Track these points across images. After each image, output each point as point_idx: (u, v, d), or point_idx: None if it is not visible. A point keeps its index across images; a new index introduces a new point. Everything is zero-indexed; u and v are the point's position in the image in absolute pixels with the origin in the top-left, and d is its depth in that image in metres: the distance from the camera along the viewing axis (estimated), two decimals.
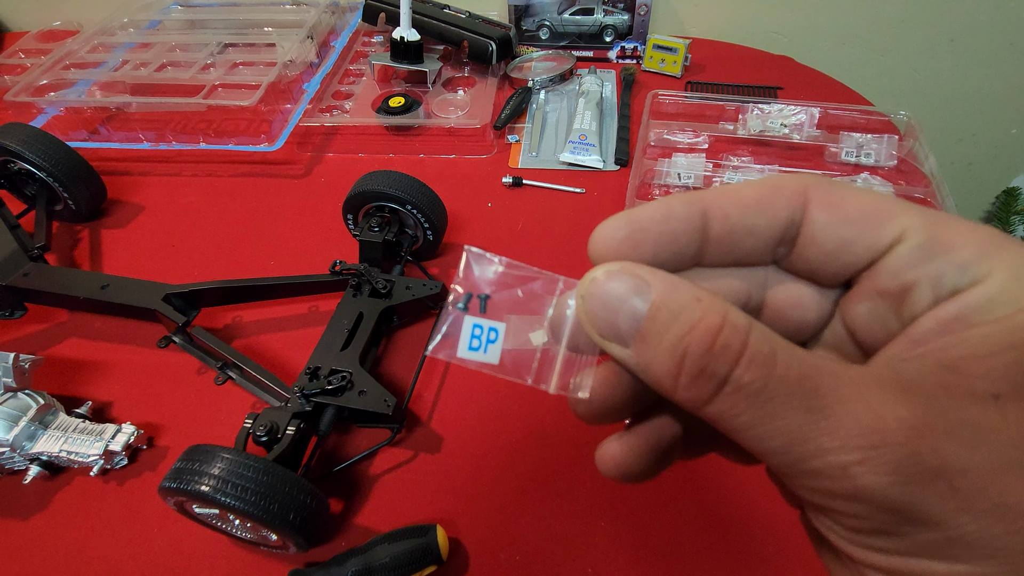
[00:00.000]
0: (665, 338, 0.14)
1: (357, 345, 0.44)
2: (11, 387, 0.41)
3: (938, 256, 0.14)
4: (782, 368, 0.13)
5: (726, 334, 0.13)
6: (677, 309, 0.14)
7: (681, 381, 0.14)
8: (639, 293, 0.15)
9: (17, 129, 0.57)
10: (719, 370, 0.13)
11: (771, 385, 0.13)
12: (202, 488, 0.32)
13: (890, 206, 0.15)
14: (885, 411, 0.13)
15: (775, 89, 0.77)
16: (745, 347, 0.13)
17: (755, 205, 0.16)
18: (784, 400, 0.13)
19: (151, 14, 0.85)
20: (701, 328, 0.14)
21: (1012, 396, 0.13)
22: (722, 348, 0.13)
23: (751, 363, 0.13)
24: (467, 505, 0.40)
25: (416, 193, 0.51)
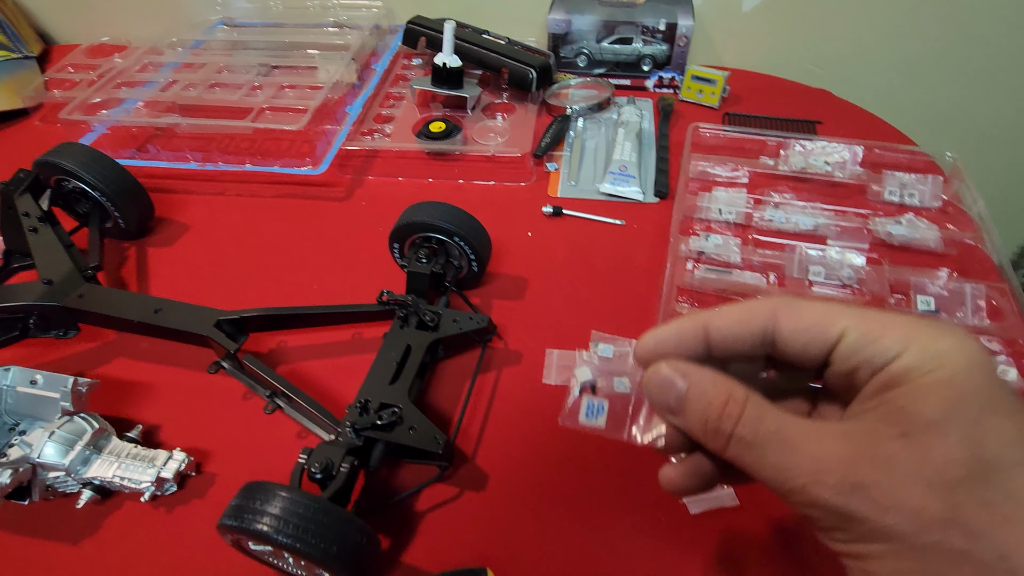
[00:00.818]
0: (696, 410, 0.23)
1: (406, 379, 0.44)
2: (68, 411, 0.42)
3: (869, 345, 0.21)
4: (766, 425, 0.21)
5: (730, 406, 0.22)
6: (702, 390, 0.23)
7: (707, 437, 0.23)
8: (680, 380, 0.23)
9: (73, 149, 0.58)
10: (726, 429, 0.22)
11: (759, 438, 0.21)
12: (262, 528, 0.32)
13: (835, 313, 0.22)
14: (828, 450, 0.20)
15: (814, 123, 0.77)
16: (742, 413, 0.22)
17: (737, 323, 0.23)
18: (767, 447, 0.21)
19: (197, 33, 0.87)
20: (716, 403, 0.22)
21: (915, 432, 0.19)
22: (727, 415, 0.22)
23: (745, 424, 0.21)
24: (515, 546, 0.40)
25: (464, 226, 0.51)
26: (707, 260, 0.57)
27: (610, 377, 0.49)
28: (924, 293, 0.52)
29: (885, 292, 0.52)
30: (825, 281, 0.55)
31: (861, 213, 0.62)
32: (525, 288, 0.58)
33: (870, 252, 0.57)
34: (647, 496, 0.42)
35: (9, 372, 0.44)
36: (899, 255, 0.58)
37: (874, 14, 0.86)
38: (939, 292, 0.52)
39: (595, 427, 0.32)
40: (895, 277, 0.54)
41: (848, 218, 0.61)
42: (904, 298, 0.52)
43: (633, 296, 0.56)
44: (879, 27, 0.87)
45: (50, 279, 0.50)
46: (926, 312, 0.51)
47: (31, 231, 0.53)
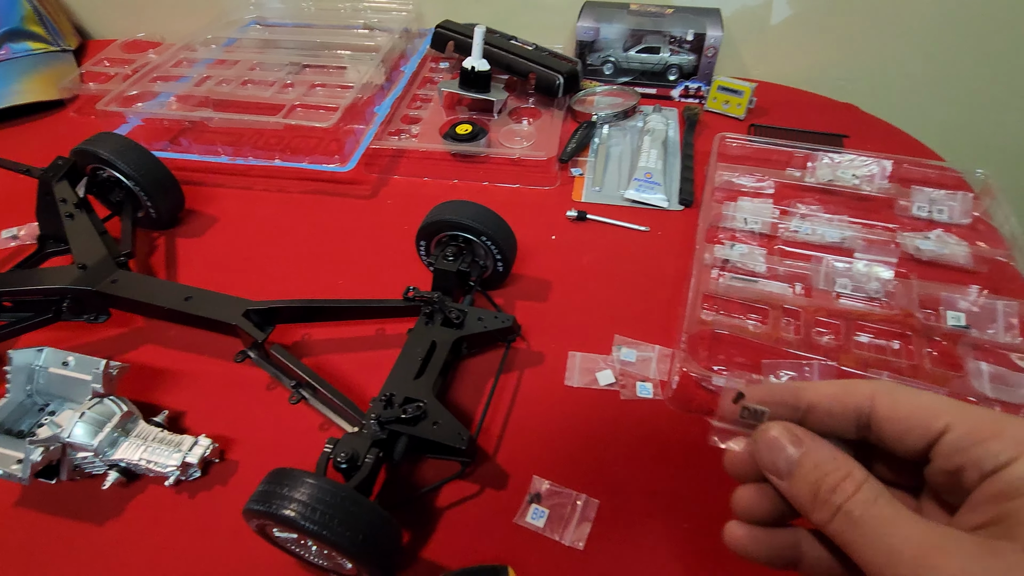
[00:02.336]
0: (809, 476, 0.21)
1: (430, 374, 0.45)
2: (99, 392, 0.43)
3: (976, 445, 0.20)
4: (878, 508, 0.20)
5: (847, 482, 0.21)
6: (819, 460, 0.21)
7: (815, 507, 0.21)
8: (794, 445, 0.22)
9: (109, 139, 0.59)
10: (836, 501, 0.20)
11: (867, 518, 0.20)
12: (288, 513, 0.32)
13: (938, 406, 0.21)
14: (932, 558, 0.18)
15: (841, 137, 0.77)
16: (857, 491, 0.20)
17: (833, 398, 0.23)
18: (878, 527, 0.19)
19: (231, 31, 0.89)
20: (832, 476, 0.21)
21: None
22: (841, 489, 0.20)
23: (859, 502, 0.20)
24: (535, 546, 0.40)
25: (493, 226, 0.52)
26: (732, 269, 0.57)
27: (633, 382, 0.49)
28: (954, 309, 0.52)
29: (914, 307, 0.52)
30: (852, 293, 0.54)
31: (889, 227, 0.61)
32: (549, 290, 0.58)
33: (898, 267, 0.56)
34: (674, 502, 0.42)
35: (42, 353, 0.45)
36: (928, 270, 0.57)
37: (902, 30, 0.86)
38: (970, 308, 0.52)
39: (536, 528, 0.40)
40: (924, 292, 0.53)
41: (876, 232, 0.61)
42: (933, 313, 0.52)
43: (656, 302, 0.56)
44: (907, 43, 0.87)
45: (84, 264, 0.51)
46: (958, 328, 0.50)
47: (67, 217, 0.54)
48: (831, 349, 0.49)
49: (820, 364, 0.47)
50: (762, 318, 0.52)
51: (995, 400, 0.44)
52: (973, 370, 0.47)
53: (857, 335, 0.50)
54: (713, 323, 0.51)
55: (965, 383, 0.46)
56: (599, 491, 0.43)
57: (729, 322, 0.52)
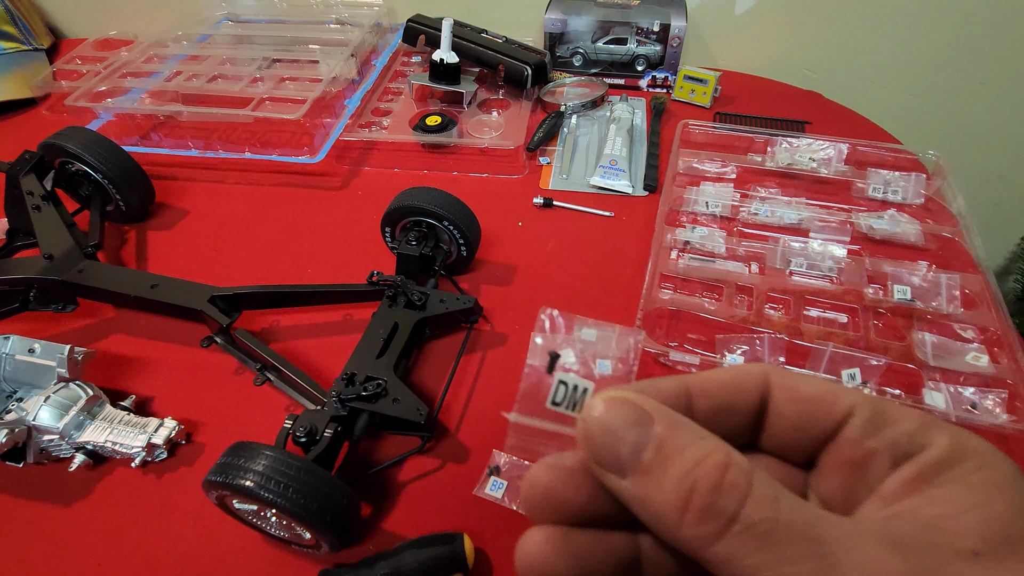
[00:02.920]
0: (671, 475, 0.14)
1: (392, 354, 0.46)
2: (64, 377, 0.44)
3: (887, 427, 0.16)
4: (787, 512, 0.14)
5: (733, 472, 0.14)
6: (683, 444, 0.15)
7: (688, 518, 0.14)
8: (641, 424, 0.15)
9: (77, 133, 0.60)
10: (728, 507, 0.14)
11: (779, 528, 0.13)
12: (246, 483, 0.33)
13: (838, 389, 0.17)
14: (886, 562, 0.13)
15: (803, 124, 0.79)
16: (751, 487, 0.14)
17: (727, 387, 0.18)
18: (792, 545, 0.13)
19: (203, 28, 0.89)
20: (709, 463, 0.14)
21: (989, 553, 0.14)
22: (730, 485, 0.14)
23: (759, 503, 0.14)
24: (493, 516, 0.41)
25: (454, 210, 0.53)
26: (692, 250, 0.59)
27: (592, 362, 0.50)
28: (900, 283, 0.53)
29: (863, 283, 0.54)
30: (807, 271, 0.56)
31: (845, 208, 0.63)
32: (514, 275, 0.59)
33: (852, 245, 0.58)
34: None
35: (8, 340, 0.45)
36: (880, 248, 0.59)
37: (866, 19, 0.88)
38: (915, 283, 0.53)
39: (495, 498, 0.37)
40: (874, 268, 0.55)
41: (831, 213, 0.62)
42: (882, 288, 0.54)
43: (619, 284, 0.58)
44: (869, 31, 0.89)
45: (51, 254, 0.51)
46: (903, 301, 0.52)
47: (34, 209, 0.55)
48: (782, 324, 0.50)
49: (770, 337, 0.48)
50: (717, 296, 0.54)
51: (936, 368, 0.46)
52: (917, 340, 0.49)
53: (807, 310, 0.52)
54: (670, 301, 0.53)
55: (908, 352, 0.47)
56: None
57: (686, 300, 0.53)
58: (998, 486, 0.15)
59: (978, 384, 0.45)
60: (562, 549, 0.16)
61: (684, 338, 0.51)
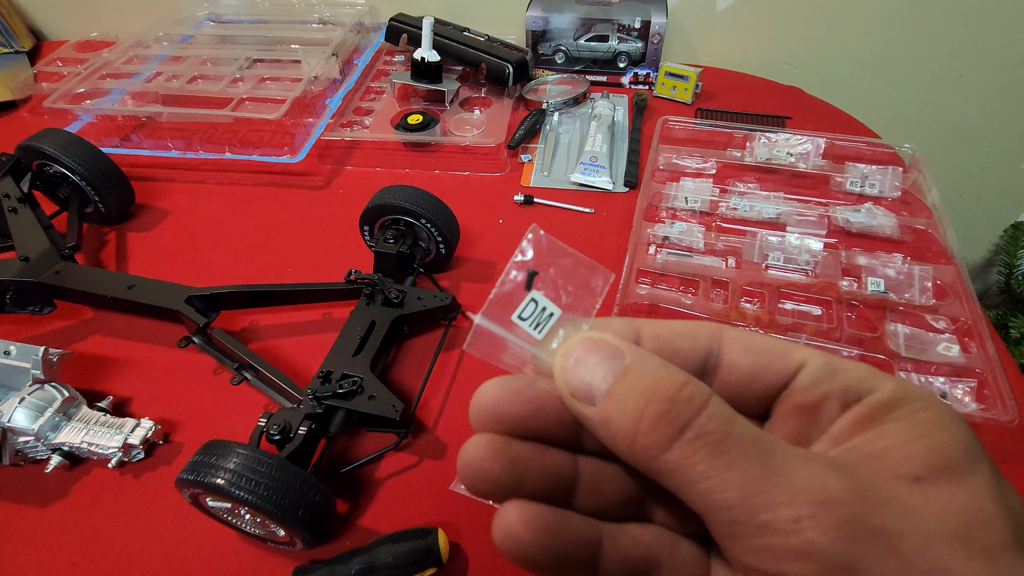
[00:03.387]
0: (632, 392, 0.16)
1: (368, 352, 0.46)
2: (39, 379, 0.43)
3: (839, 374, 0.17)
4: (740, 427, 0.15)
5: (690, 388, 0.15)
6: (647, 371, 0.16)
7: (642, 426, 0.15)
8: (614, 358, 0.17)
9: (54, 134, 0.60)
10: (682, 416, 0.15)
11: (730, 438, 0.15)
12: (218, 481, 0.34)
13: (790, 344, 0.18)
14: (830, 478, 0.15)
15: (783, 118, 0.79)
16: (707, 404, 0.15)
17: (678, 335, 0.19)
18: (741, 453, 0.15)
19: (185, 28, 0.89)
20: (668, 381, 0.16)
21: (929, 478, 0.15)
22: (686, 399, 0.15)
23: (712, 416, 0.15)
24: (468, 511, 0.41)
25: (431, 208, 0.53)
26: (670, 245, 0.59)
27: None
28: (874, 275, 0.54)
29: (838, 276, 0.54)
30: (783, 265, 0.56)
31: (822, 202, 0.64)
32: (494, 272, 0.60)
33: (829, 238, 0.59)
34: None
35: None
36: (857, 241, 0.60)
37: (844, 13, 0.88)
38: (889, 275, 0.54)
39: None
40: (849, 261, 0.56)
41: (810, 207, 0.63)
42: (856, 281, 0.54)
43: None
44: (851, 26, 0.90)
45: (27, 256, 0.51)
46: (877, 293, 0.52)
47: (10, 211, 0.55)
48: (757, 317, 0.51)
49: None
50: (694, 290, 0.54)
51: (907, 359, 0.47)
52: (890, 332, 0.49)
53: (782, 303, 0.53)
54: (647, 296, 0.53)
55: (880, 343, 0.48)
56: None
57: (662, 294, 0.54)
58: (942, 423, 0.16)
59: (949, 374, 0.46)
60: (501, 452, 0.17)
61: None
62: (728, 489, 0.14)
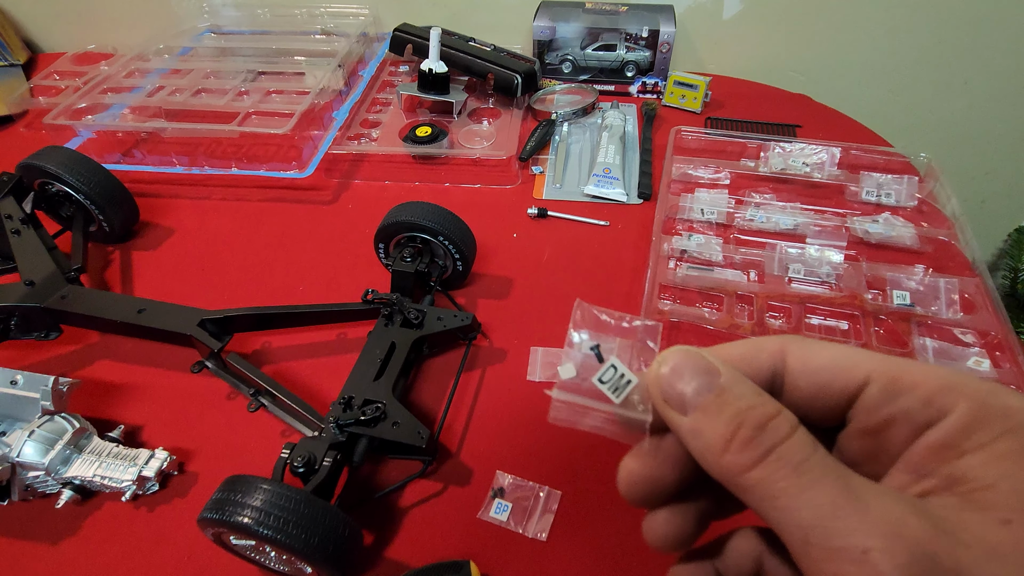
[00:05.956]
0: (725, 411, 0.17)
1: (390, 375, 0.45)
2: (48, 410, 0.42)
3: (904, 394, 0.17)
4: (821, 455, 0.16)
5: (779, 419, 0.16)
6: (740, 394, 0.17)
7: (732, 446, 0.16)
8: (709, 374, 0.17)
9: (56, 152, 0.58)
10: (767, 442, 0.16)
11: (811, 461, 0.16)
12: (243, 520, 0.32)
13: (856, 356, 0.18)
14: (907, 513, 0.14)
15: (794, 127, 0.79)
16: (793, 434, 0.16)
17: (739, 360, 0.19)
18: (821, 475, 0.15)
19: (185, 40, 0.88)
20: (760, 410, 0.16)
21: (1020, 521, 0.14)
22: (773, 428, 0.16)
23: (797, 445, 0.16)
24: (497, 540, 0.40)
25: (449, 225, 0.52)
26: (689, 259, 0.58)
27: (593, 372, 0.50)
28: (899, 288, 0.53)
29: (862, 288, 0.54)
30: (804, 278, 0.56)
31: (839, 212, 0.63)
32: (510, 288, 0.58)
33: (848, 250, 0.58)
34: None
35: None
36: (876, 252, 0.59)
37: (852, 21, 0.88)
38: (914, 287, 0.53)
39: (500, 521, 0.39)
40: (872, 273, 0.55)
41: (827, 217, 0.62)
42: (881, 293, 0.53)
43: (617, 295, 0.57)
44: (857, 34, 0.89)
45: (32, 280, 0.49)
46: (903, 307, 0.52)
47: (14, 233, 0.53)
48: (784, 332, 0.50)
49: None
50: (717, 305, 0.53)
51: None
52: (918, 346, 0.49)
53: (808, 318, 0.52)
54: (670, 312, 0.52)
55: (911, 359, 0.47)
56: (562, 482, 0.43)
57: (686, 311, 0.53)
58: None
59: None
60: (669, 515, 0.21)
61: None
62: (805, 508, 0.15)
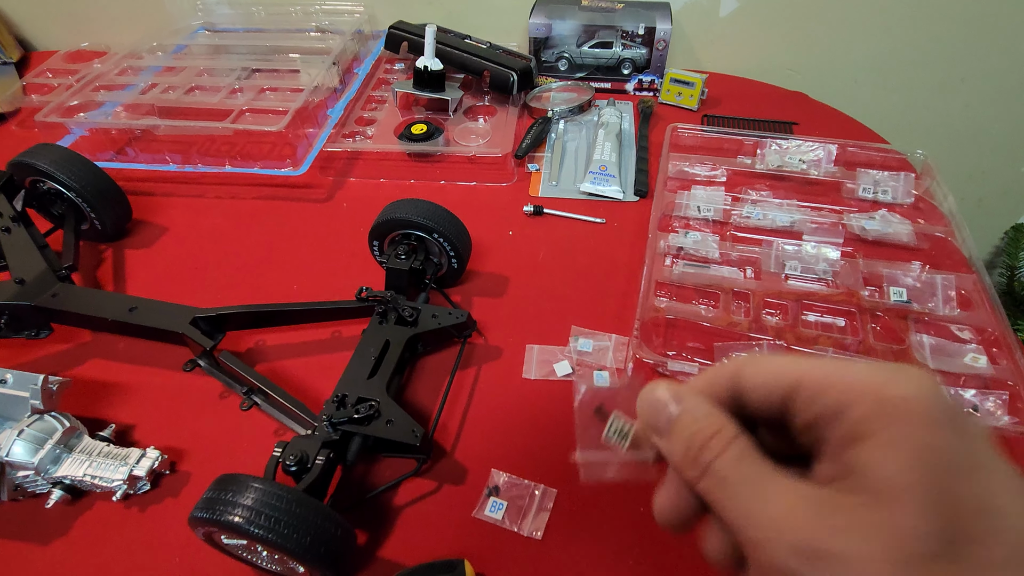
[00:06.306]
0: (682, 435, 0.21)
1: (384, 373, 0.44)
2: (38, 409, 0.41)
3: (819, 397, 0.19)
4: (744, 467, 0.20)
5: (716, 439, 0.20)
6: (694, 419, 0.21)
7: (685, 464, 0.21)
8: (673, 405, 0.22)
9: (48, 149, 0.58)
10: (704, 459, 0.20)
11: (733, 476, 0.20)
12: (234, 519, 0.32)
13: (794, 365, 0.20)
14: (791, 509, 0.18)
15: (790, 124, 0.79)
16: (725, 449, 0.20)
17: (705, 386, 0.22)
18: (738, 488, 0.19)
19: (179, 38, 0.87)
20: (701, 433, 0.21)
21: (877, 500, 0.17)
22: (710, 447, 0.20)
23: (724, 460, 0.20)
24: (491, 538, 0.40)
25: (444, 222, 0.52)
26: (686, 256, 0.58)
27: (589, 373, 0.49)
28: (896, 285, 0.53)
29: (859, 285, 0.53)
30: (801, 275, 0.56)
31: (836, 209, 0.63)
32: (506, 285, 0.58)
33: (845, 247, 0.58)
34: (629, 487, 0.42)
35: None
36: (873, 249, 0.59)
37: (849, 19, 0.88)
38: (911, 284, 0.53)
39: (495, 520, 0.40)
40: (869, 270, 0.55)
41: (823, 214, 0.62)
42: (878, 290, 0.53)
43: (613, 292, 0.57)
44: (854, 32, 0.89)
45: (22, 279, 0.49)
46: (900, 303, 0.52)
47: (4, 231, 0.53)
48: (780, 329, 0.50)
49: (769, 344, 0.47)
50: (714, 303, 0.53)
51: (935, 370, 0.46)
52: (915, 343, 0.48)
53: (805, 314, 0.52)
54: (666, 309, 0.52)
55: (907, 355, 0.47)
56: (557, 480, 0.43)
57: (682, 308, 0.53)
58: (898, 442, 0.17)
59: (978, 386, 0.45)
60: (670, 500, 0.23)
61: (682, 347, 0.50)
62: (729, 512, 0.19)
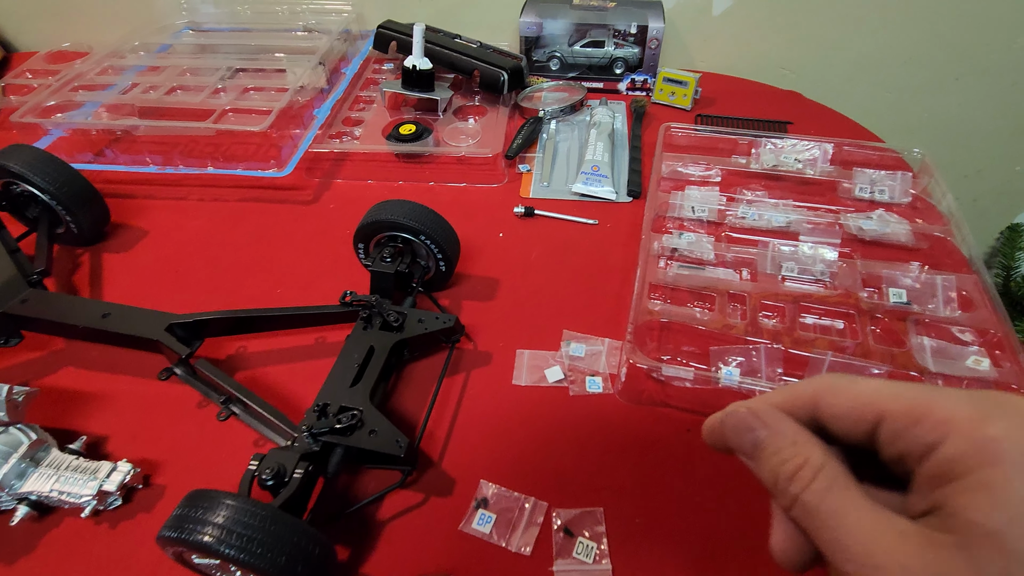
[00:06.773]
0: (769, 462, 0.21)
1: (368, 381, 0.42)
2: (3, 421, 0.39)
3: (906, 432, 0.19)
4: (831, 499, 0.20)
5: (804, 471, 0.20)
6: (778, 446, 0.21)
7: (775, 493, 0.21)
8: (758, 427, 0.22)
9: (21, 151, 0.56)
10: (793, 491, 0.20)
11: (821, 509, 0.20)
12: (203, 538, 0.30)
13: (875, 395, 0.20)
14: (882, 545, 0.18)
15: (785, 124, 0.77)
16: (812, 480, 0.20)
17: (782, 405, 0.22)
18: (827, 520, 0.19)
19: (163, 37, 0.85)
20: (790, 465, 0.21)
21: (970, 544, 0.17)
22: (798, 479, 0.20)
23: (812, 492, 0.20)
24: (479, 553, 0.38)
25: (430, 224, 0.50)
26: (680, 257, 0.57)
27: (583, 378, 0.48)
28: (896, 286, 0.52)
29: (857, 286, 0.52)
30: (798, 276, 0.54)
31: (832, 209, 0.62)
32: (497, 289, 0.56)
33: (842, 247, 0.57)
34: (622, 498, 0.41)
35: None
36: (871, 250, 0.58)
37: (842, 18, 0.87)
38: (910, 285, 0.52)
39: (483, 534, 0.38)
40: (867, 271, 0.54)
41: (820, 214, 0.61)
42: (876, 292, 0.52)
43: (606, 295, 0.55)
44: (848, 30, 0.89)
45: None
46: (899, 305, 0.50)
47: None
48: (777, 332, 0.48)
49: (766, 347, 0.46)
50: (709, 305, 0.52)
51: (937, 374, 0.44)
52: (916, 345, 0.47)
53: (803, 317, 0.50)
54: (661, 312, 0.51)
55: (908, 358, 0.46)
56: (547, 492, 0.41)
57: (677, 311, 0.51)
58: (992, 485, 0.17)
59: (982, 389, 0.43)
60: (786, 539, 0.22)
61: (677, 351, 0.49)
62: (821, 542, 0.19)
